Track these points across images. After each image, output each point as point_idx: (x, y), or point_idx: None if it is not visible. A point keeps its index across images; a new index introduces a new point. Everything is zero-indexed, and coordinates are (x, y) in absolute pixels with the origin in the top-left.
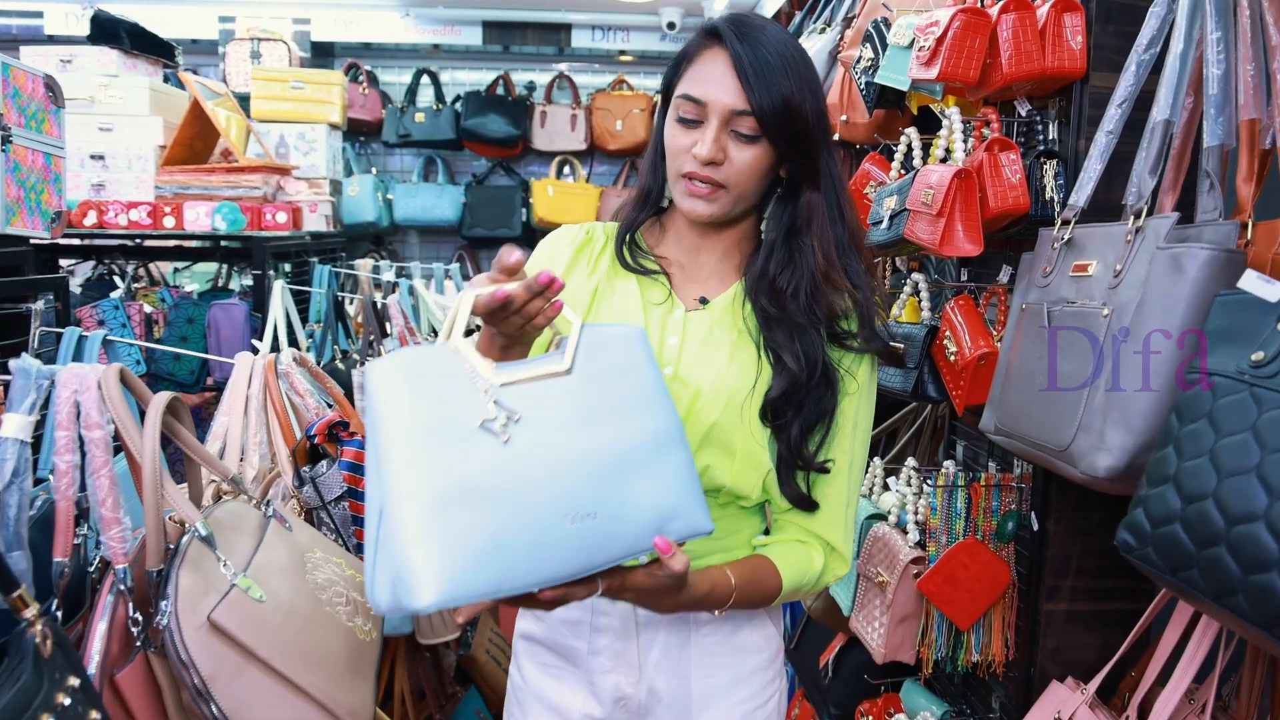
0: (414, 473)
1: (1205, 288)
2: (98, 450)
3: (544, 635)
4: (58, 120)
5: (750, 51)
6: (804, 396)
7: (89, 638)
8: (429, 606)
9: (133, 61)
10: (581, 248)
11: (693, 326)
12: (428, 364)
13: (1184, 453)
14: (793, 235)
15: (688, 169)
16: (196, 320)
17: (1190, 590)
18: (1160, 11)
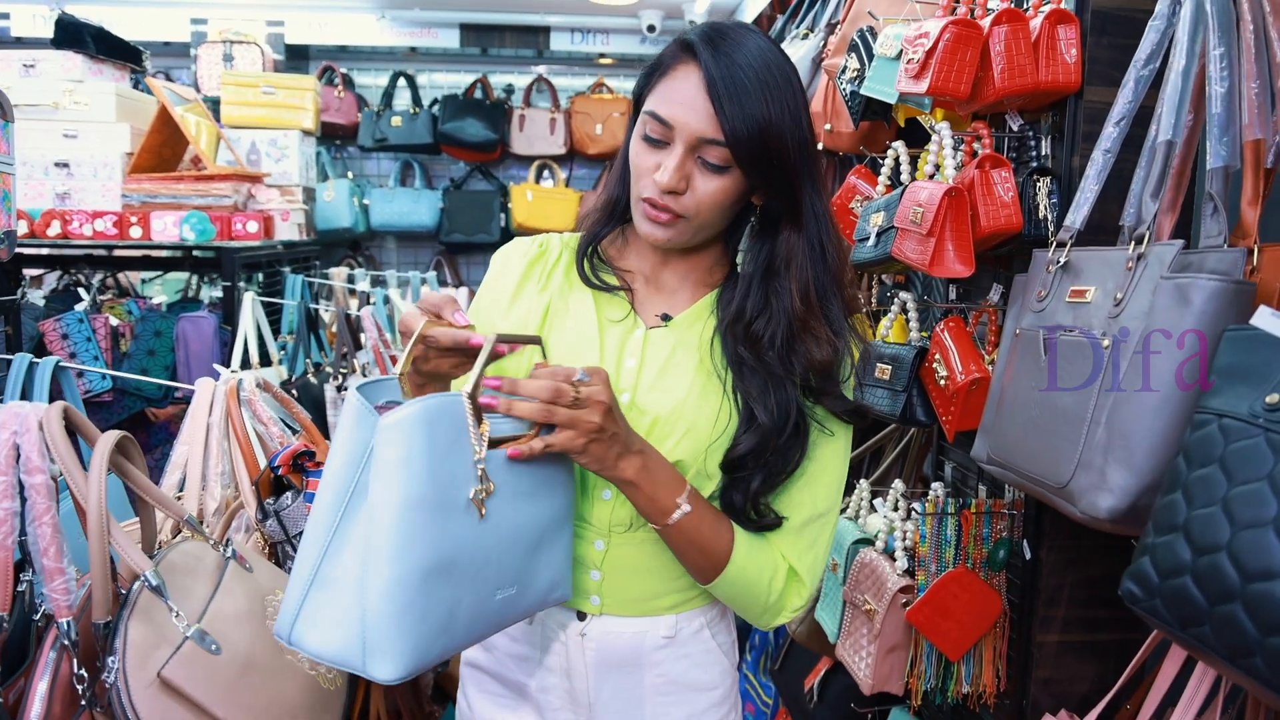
0: (410, 541)
1: (1213, 321)
2: (39, 496)
3: (491, 666)
4: (5, 136)
5: (725, 71)
6: (772, 453)
7: (29, 698)
8: (392, 679)
9: (98, 66)
10: (534, 262)
11: (653, 348)
12: (443, 419)
13: (1194, 500)
14: (769, 276)
15: (647, 194)
16: (164, 333)
17: (1201, 647)
18: (1160, 25)
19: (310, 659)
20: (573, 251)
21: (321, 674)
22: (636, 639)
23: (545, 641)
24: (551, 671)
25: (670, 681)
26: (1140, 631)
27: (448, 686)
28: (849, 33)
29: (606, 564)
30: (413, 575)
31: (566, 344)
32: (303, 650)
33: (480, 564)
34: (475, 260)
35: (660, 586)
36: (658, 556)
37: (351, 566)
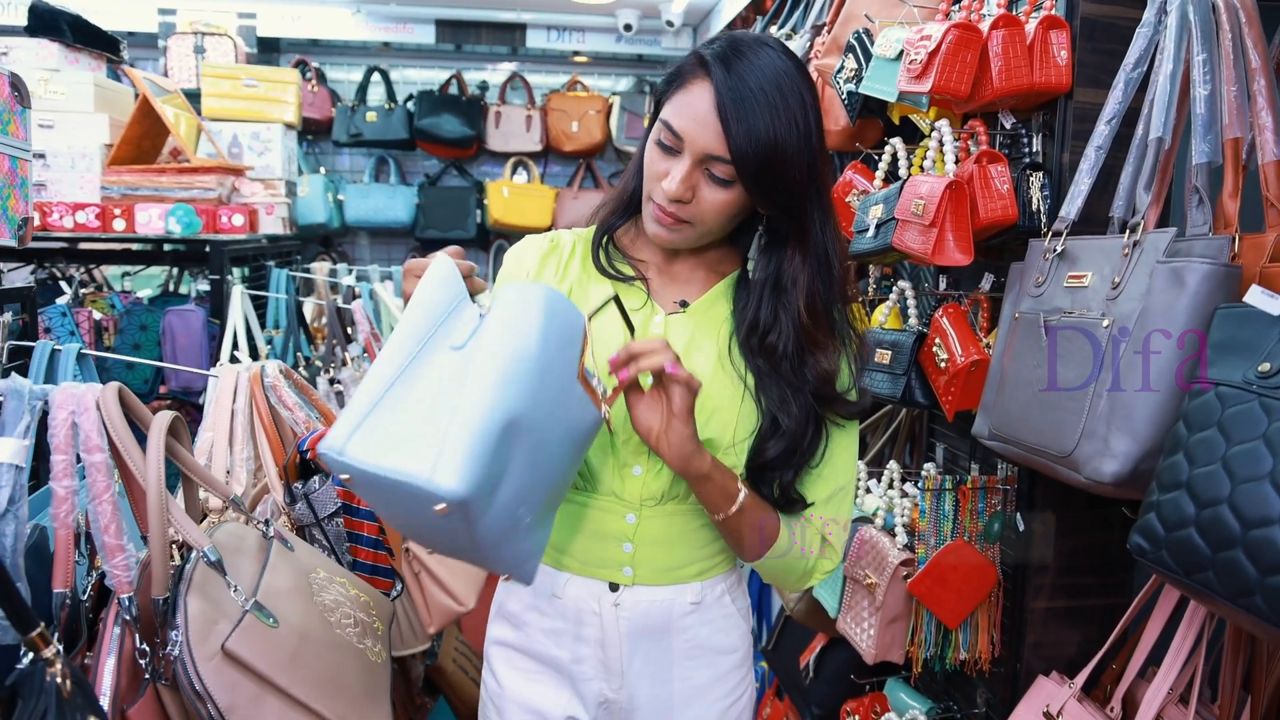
0: (513, 392)
1: (1205, 300)
2: (99, 475)
3: (521, 642)
4: (23, 122)
5: (736, 91)
6: (800, 454)
7: (98, 673)
8: (452, 490)
9: (75, 55)
10: (547, 255)
11: (673, 332)
12: (567, 308)
13: (1195, 460)
14: (778, 291)
15: (656, 198)
16: (150, 327)
17: (1205, 591)
18: (1147, 32)
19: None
20: (586, 243)
21: (369, 648)
22: (666, 606)
23: (579, 614)
24: (585, 643)
25: (697, 646)
26: (1121, 597)
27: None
28: (841, 34)
29: (638, 536)
30: (499, 415)
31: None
32: (354, 461)
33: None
34: None
35: (688, 555)
36: (685, 526)
37: (425, 396)
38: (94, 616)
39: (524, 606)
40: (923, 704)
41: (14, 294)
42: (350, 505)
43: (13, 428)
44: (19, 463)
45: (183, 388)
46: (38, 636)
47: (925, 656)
